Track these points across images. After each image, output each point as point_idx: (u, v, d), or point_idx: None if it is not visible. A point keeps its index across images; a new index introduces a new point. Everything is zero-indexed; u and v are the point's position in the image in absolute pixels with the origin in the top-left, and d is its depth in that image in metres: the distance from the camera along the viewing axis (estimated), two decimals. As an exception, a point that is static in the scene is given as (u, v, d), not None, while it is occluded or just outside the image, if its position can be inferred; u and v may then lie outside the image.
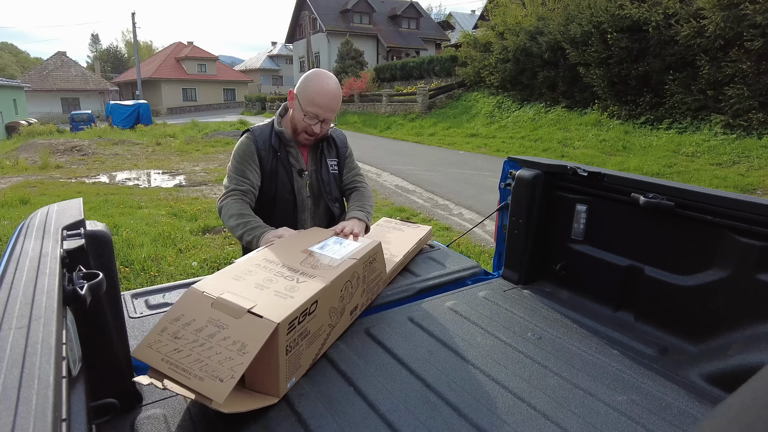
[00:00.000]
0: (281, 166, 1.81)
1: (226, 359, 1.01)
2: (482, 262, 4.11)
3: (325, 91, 1.73)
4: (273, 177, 1.80)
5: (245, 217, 1.69)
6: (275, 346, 1.08)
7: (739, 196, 1.31)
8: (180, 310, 1.12)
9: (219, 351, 1.02)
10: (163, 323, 1.10)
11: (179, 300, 1.16)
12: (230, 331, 1.06)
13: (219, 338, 1.05)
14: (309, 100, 1.72)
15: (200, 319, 1.10)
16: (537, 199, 1.83)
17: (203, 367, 1.00)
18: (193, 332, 1.07)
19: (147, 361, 1.04)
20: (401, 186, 8.21)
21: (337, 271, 1.35)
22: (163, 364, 1.02)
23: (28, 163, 11.57)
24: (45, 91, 36.67)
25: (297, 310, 1.13)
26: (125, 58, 62.15)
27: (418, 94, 18.34)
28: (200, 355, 1.02)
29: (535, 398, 1.17)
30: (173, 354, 1.03)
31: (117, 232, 5.05)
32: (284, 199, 1.81)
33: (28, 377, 0.47)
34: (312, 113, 1.73)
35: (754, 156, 7.92)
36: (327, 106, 1.73)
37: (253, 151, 1.78)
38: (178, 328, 1.08)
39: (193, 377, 0.99)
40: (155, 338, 1.07)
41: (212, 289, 1.17)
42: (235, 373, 0.98)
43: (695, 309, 1.41)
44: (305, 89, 1.74)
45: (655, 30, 9.83)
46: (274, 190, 1.81)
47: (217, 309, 1.11)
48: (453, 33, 38.77)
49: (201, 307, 1.12)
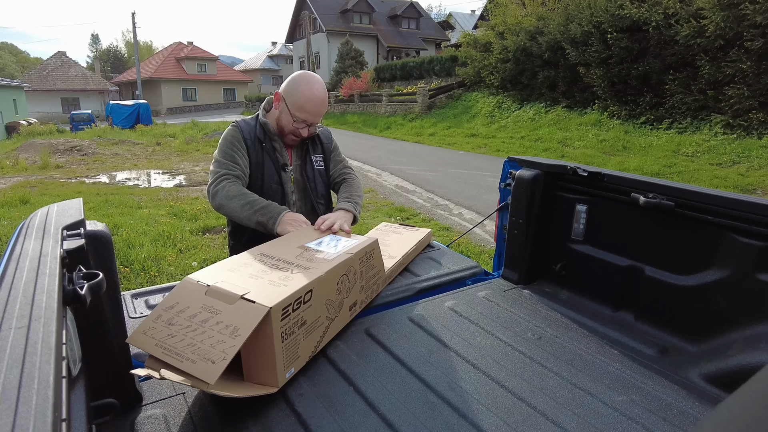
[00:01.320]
0: (267, 157, 1.79)
1: (219, 342, 1.02)
2: (482, 262, 4.11)
3: (315, 97, 1.74)
4: (259, 167, 1.78)
5: (249, 197, 1.63)
6: (269, 332, 1.08)
7: (739, 196, 1.31)
8: (175, 299, 1.14)
9: (212, 335, 1.04)
10: (158, 311, 1.12)
11: (174, 289, 1.18)
12: (223, 316, 1.07)
13: (212, 323, 1.06)
14: (298, 106, 1.73)
15: (194, 306, 1.11)
16: (537, 199, 1.83)
17: (196, 350, 1.01)
18: (187, 318, 1.09)
19: (141, 347, 1.05)
20: (401, 186, 8.21)
21: (332, 263, 1.36)
22: (157, 349, 1.03)
23: (28, 163, 11.57)
24: (45, 91, 36.68)
25: (290, 296, 1.14)
26: (125, 58, 62.15)
27: (418, 94, 18.34)
28: (193, 340, 1.04)
29: (535, 398, 1.17)
30: (167, 339, 1.05)
31: (117, 232, 5.05)
32: (272, 189, 1.79)
33: (28, 377, 0.47)
34: (301, 119, 1.74)
35: (754, 156, 7.92)
36: (316, 111, 1.75)
37: (240, 139, 1.76)
38: (172, 315, 1.10)
39: (186, 360, 1.00)
40: (150, 325, 1.08)
41: (207, 278, 1.19)
42: (227, 355, 0.99)
43: (695, 309, 1.41)
44: (293, 94, 1.74)
45: (655, 30, 9.83)
46: (260, 181, 1.78)
47: (211, 296, 1.12)
48: (453, 33, 38.78)
49: (195, 294, 1.14)
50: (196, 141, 16.06)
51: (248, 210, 1.62)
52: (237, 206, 1.63)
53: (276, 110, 1.81)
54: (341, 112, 23.75)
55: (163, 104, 39.52)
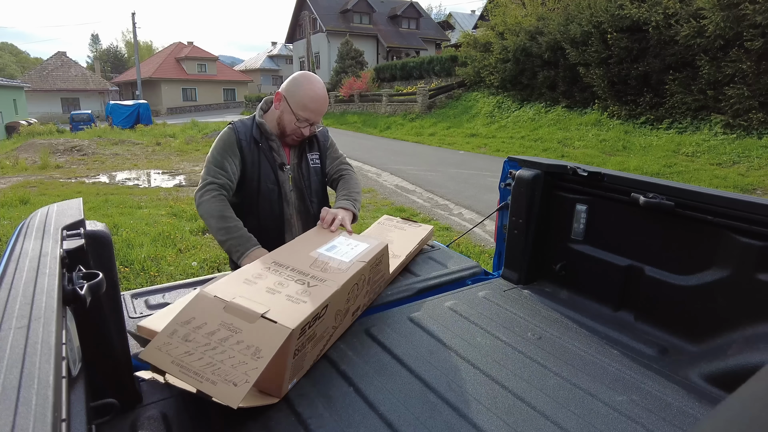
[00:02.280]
0: (264, 157, 1.80)
1: (240, 363, 0.99)
2: (482, 262, 4.10)
3: (317, 96, 1.75)
4: (255, 167, 1.78)
5: (228, 221, 1.67)
6: (285, 350, 1.07)
7: (739, 196, 1.31)
8: (191, 313, 1.10)
9: (232, 355, 1.01)
10: (173, 325, 1.08)
11: (189, 303, 1.14)
12: (243, 335, 1.05)
13: (232, 342, 1.03)
14: (301, 106, 1.74)
15: (212, 322, 1.08)
16: (537, 199, 1.83)
17: (216, 371, 0.99)
18: (205, 335, 1.05)
19: (156, 363, 1.02)
20: (401, 186, 8.21)
21: (347, 274, 1.34)
22: (174, 366, 1.00)
23: (28, 163, 11.57)
24: (45, 91, 36.66)
25: (310, 315, 1.13)
26: (125, 58, 62.12)
27: (418, 94, 18.34)
28: (213, 359, 1.01)
29: (535, 398, 1.17)
30: (184, 357, 1.01)
31: (117, 232, 5.05)
32: (268, 189, 1.80)
33: (28, 377, 0.47)
34: (304, 118, 1.75)
35: (754, 156, 7.92)
36: (319, 110, 1.77)
37: (234, 142, 1.76)
38: (188, 330, 1.06)
39: (206, 381, 0.97)
40: (165, 340, 1.05)
41: (223, 292, 1.15)
42: (250, 378, 0.96)
43: (695, 309, 1.41)
44: (296, 93, 1.75)
45: (655, 30, 9.83)
46: (257, 181, 1.78)
47: (230, 313, 1.09)
48: (453, 33, 38.77)
49: (213, 310, 1.10)
50: (196, 141, 16.06)
51: (223, 234, 1.66)
52: (214, 226, 1.68)
53: (276, 110, 1.82)
54: (341, 112, 23.73)
55: (163, 104, 39.50)
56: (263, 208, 1.79)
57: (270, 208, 1.80)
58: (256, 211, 1.79)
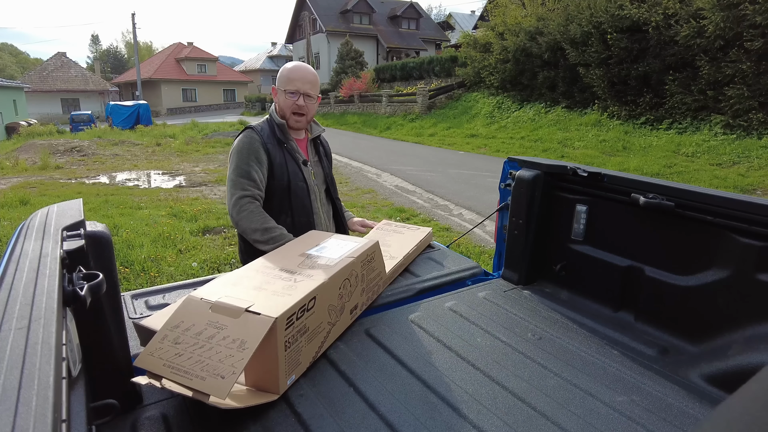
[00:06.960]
0: (289, 156, 1.86)
1: (227, 357, 1.01)
2: (482, 262, 4.11)
3: (297, 68, 1.87)
4: (283, 168, 1.84)
5: (272, 232, 1.75)
6: (274, 341, 1.08)
7: (739, 196, 1.31)
8: (179, 317, 1.13)
9: (219, 350, 1.03)
10: (164, 331, 1.11)
11: (178, 308, 1.16)
12: (229, 330, 1.07)
13: (218, 338, 1.06)
14: (286, 80, 1.85)
15: (199, 323, 1.10)
16: (537, 199, 1.83)
17: (204, 367, 1.01)
18: (193, 336, 1.08)
19: (150, 369, 1.04)
20: (401, 186, 8.21)
21: (335, 269, 1.36)
22: (166, 369, 1.03)
23: (28, 163, 11.58)
24: (45, 92, 36.69)
25: (295, 305, 1.14)
26: (125, 59, 62.19)
27: (418, 94, 18.34)
28: (201, 356, 1.03)
29: (535, 398, 1.17)
30: (174, 359, 1.04)
31: (117, 233, 5.05)
32: (299, 187, 1.86)
33: (28, 378, 0.47)
34: (291, 90, 1.83)
35: (754, 156, 7.92)
36: (303, 78, 1.84)
37: (259, 147, 1.81)
38: (178, 334, 1.09)
39: (195, 378, 0.99)
40: (156, 346, 1.08)
41: (210, 294, 1.18)
42: (236, 369, 0.99)
43: (695, 309, 1.41)
44: (281, 74, 1.89)
45: (655, 30, 9.84)
46: (287, 180, 1.84)
47: (216, 312, 1.12)
48: (453, 33, 38.80)
49: (200, 312, 1.13)
50: (196, 142, 16.07)
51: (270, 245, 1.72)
52: (260, 240, 1.74)
53: (276, 103, 1.92)
54: (341, 112, 23.74)
55: (163, 105, 39.52)
56: (296, 205, 1.85)
57: (302, 204, 1.87)
58: (288, 209, 1.84)
